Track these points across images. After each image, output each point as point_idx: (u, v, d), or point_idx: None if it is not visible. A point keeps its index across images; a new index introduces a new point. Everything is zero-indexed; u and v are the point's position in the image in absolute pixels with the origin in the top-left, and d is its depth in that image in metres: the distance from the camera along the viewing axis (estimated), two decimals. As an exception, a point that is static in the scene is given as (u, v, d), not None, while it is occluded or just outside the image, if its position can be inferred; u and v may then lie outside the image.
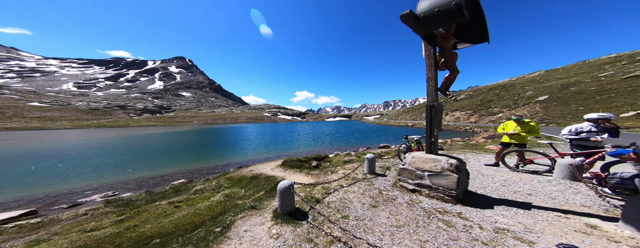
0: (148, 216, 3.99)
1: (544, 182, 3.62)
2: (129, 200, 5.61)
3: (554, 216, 2.42)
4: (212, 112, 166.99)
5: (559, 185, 3.44)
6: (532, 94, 35.91)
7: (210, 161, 12.71)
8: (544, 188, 3.36)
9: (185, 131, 45.99)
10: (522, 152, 4.18)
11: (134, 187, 7.66)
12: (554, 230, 2.11)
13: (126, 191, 7.11)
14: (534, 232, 2.08)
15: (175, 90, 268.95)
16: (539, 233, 2.06)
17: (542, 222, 2.29)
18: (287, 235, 2.21)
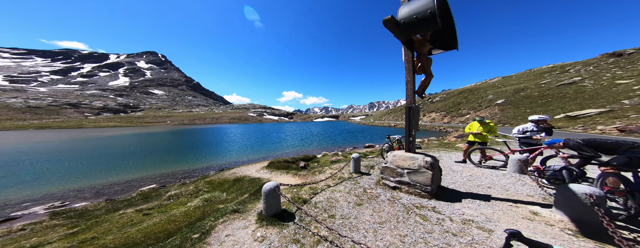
0: (110, 226, 3.55)
1: (500, 176, 4.15)
2: (84, 210, 4.90)
3: (507, 206, 2.79)
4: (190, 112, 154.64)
5: (511, 178, 3.98)
6: (493, 97, 40.69)
7: (187, 164, 11.77)
8: (500, 181, 3.85)
9: (156, 132, 41.73)
10: (484, 149, 4.73)
11: (90, 196, 6.72)
12: (507, 219, 2.44)
13: (80, 201, 6.20)
14: (492, 221, 2.39)
15: (144, 87, 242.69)
16: (496, 222, 2.36)
17: (499, 212, 2.62)
18: (273, 237, 2.18)
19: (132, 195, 6.11)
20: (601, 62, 38.24)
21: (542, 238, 2.03)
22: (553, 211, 2.49)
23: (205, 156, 14.41)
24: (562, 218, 2.28)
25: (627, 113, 16.93)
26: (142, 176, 9.04)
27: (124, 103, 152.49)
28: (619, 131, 12.63)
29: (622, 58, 35.55)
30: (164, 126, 79.74)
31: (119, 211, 4.44)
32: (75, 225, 4.04)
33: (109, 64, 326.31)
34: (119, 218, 3.92)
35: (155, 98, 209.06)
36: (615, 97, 21.90)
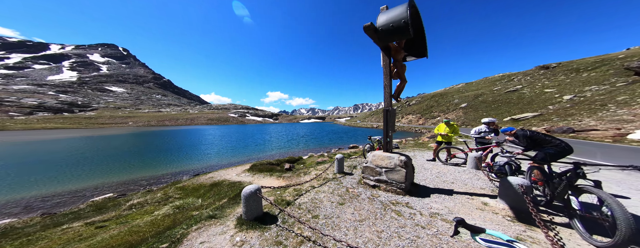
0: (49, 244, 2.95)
1: (461, 172, 4.72)
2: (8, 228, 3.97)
3: (465, 199, 3.21)
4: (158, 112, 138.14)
5: (470, 173, 4.56)
6: (458, 102, 45.95)
7: (155, 170, 10.51)
8: (461, 176, 4.40)
9: (115, 135, 36.25)
10: (449, 148, 5.34)
11: (18, 211, 5.51)
12: (465, 210, 2.81)
13: (3, 217, 5.04)
14: (453, 213, 2.72)
15: (99, 83, 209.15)
16: (456, 213, 2.71)
17: (459, 204, 3.00)
18: (254, 240, 2.11)
19: (79, 207, 5.18)
20: (535, 73, 46.40)
21: (489, 225, 2.39)
22: (498, 201, 2.95)
23: (177, 160, 13.06)
24: (504, 206, 2.73)
25: (551, 116, 20.91)
26: (94, 184, 7.75)
27: (69, 101, 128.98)
28: (546, 131, 15.49)
29: (548, 70, 43.72)
30: (125, 128, 69.63)
31: (61, 226, 3.71)
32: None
33: (49, 56, 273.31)
34: (62, 234, 3.28)
35: (113, 96, 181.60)
36: (543, 103, 26.80)
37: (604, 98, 20.89)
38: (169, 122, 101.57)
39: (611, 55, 38.12)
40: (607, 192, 1.91)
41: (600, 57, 39.31)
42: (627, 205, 2.97)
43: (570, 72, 36.91)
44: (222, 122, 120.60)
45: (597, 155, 6.99)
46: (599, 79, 28.20)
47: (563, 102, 25.01)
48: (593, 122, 15.77)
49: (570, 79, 33.20)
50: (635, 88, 20.39)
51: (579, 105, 21.90)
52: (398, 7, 3.30)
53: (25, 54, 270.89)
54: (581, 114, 19.24)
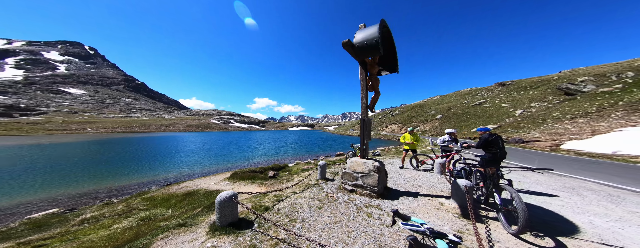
0: None
1: (429, 176, 5.22)
2: None
3: (427, 200, 3.59)
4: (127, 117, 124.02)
5: (435, 178, 5.07)
6: (435, 113, 50.26)
7: (116, 180, 9.33)
8: (428, 180, 4.86)
9: (67, 143, 31.40)
10: (417, 156, 5.87)
11: None
12: (425, 209, 3.16)
13: None
14: (415, 212, 3.04)
15: (52, 84, 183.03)
16: (417, 213, 3.03)
17: (421, 205, 3.35)
18: (226, 245, 2.09)
19: (10, 226, 4.34)
20: (495, 89, 53.55)
21: (440, 222, 2.73)
22: (451, 201, 3.36)
23: (145, 170, 11.77)
24: (455, 205, 3.13)
25: (507, 129, 24.10)
26: (34, 199, 6.58)
27: (7, 104, 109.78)
28: (532, 171, 17.73)
29: (505, 87, 50.90)
30: (81, 135, 60.75)
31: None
32: None
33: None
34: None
35: (70, 99, 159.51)
36: (501, 117, 30.83)
37: (544, 113, 24.86)
38: (139, 128, 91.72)
39: (549, 76, 46.02)
40: (514, 189, 2.38)
41: (541, 77, 47.18)
42: (553, 202, 3.62)
43: (521, 89, 43.44)
44: (203, 128, 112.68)
45: (535, 161, 8.23)
46: (540, 96, 33.65)
47: (516, 115, 29.05)
48: (537, 134, 18.53)
49: (521, 96, 38.98)
50: (564, 105, 24.73)
51: (527, 119, 25.62)
52: (372, 26, 3.79)
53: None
54: (529, 126, 22.49)
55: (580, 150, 11.15)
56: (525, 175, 5.62)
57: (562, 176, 5.68)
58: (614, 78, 29.77)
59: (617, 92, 22.77)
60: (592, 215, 3.09)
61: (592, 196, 3.98)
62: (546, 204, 3.51)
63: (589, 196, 3.97)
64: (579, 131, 15.90)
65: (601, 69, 37.16)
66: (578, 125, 17.89)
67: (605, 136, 13.06)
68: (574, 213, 3.12)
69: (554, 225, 2.73)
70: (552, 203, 3.58)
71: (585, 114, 20.12)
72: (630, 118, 15.83)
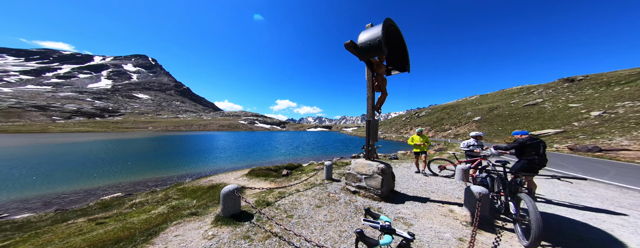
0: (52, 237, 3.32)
1: (448, 183, 4.67)
2: (25, 222, 4.44)
3: (436, 206, 3.22)
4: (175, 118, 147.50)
5: (455, 184, 4.51)
6: (471, 114, 44.00)
7: (162, 172, 11.23)
8: (445, 187, 4.36)
9: (135, 138, 39.20)
10: (436, 159, 5.28)
11: (37, 206, 6.14)
12: (429, 215, 2.85)
13: (24, 211, 5.63)
14: (417, 217, 2.78)
15: (128, 90, 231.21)
16: (420, 218, 2.77)
17: (426, 210, 3.03)
18: (224, 235, 2.33)
19: (89, 205, 5.70)
20: (558, 86, 43.73)
21: (443, 228, 2.47)
22: (463, 209, 2.96)
23: (184, 164, 13.84)
24: (467, 213, 2.73)
25: (576, 133, 19.24)
26: (107, 184, 8.47)
27: (101, 107, 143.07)
28: (569, 149, 14.26)
29: (573, 83, 41.05)
30: (145, 132, 74.96)
31: (67, 221, 4.14)
32: (7, 238, 3.72)
33: (92, 66, 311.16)
34: (66, 228, 3.68)
35: (139, 102, 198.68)
36: (567, 119, 24.85)
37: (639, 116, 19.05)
38: (184, 127, 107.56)
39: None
40: (531, 198, 2.06)
41: (636, 69, 36.39)
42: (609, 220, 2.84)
43: (600, 85, 34.36)
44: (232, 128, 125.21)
45: (610, 173, 6.42)
46: (635, 93, 25.85)
47: (590, 118, 23.07)
48: (626, 142, 14.32)
49: (599, 93, 30.79)
50: (673, 104, 18.43)
51: (609, 122, 20.07)
52: (376, 26, 3.68)
53: (74, 64, 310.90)
54: (612, 132, 17.56)
55: None
56: (583, 188, 4.47)
57: None
58: None
59: None
60: (629, 226, 2.33)
61: None
62: (597, 221, 2.77)
63: None
64: None
65: None
66: None
67: None
68: (632, 234, 2.40)
69: (590, 241, 2.21)
70: (607, 220, 2.81)
71: None
72: None
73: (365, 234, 0.95)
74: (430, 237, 2.30)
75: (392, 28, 4.05)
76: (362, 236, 0.93)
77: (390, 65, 4.73)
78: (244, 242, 2.21)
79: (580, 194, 4.08)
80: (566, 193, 4.10)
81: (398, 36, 4.32)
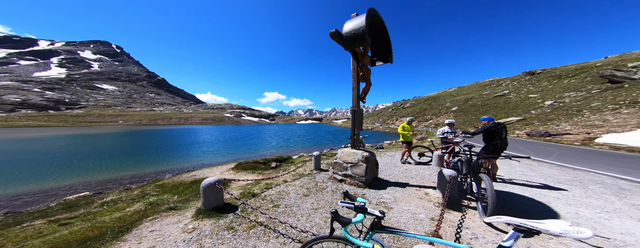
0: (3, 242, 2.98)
1: (426, 169, 5.06)
2: None
3: (414, 190, 3.50)
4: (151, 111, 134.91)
5: (432, 170, 4.91)
6: (450, 105, 47.23)
7: (138, 168, 10.42)
8: (423, 172, 4.74)
9: (103, 134, 35.28)
10: (416, 147, 5.64)
11: None
12: (407, 199, 3.10)
13: None
14: (397, 201, 3.01)
15: (89, 81, 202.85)
16: (399, 201, 2.99)
17: (406, 195, 3.28)
18: (206, 227, 2.28)
19: (49, 206, 5.10)
20: (521, 79, 48.38)
21: (418, 210, 2.71)
22: (436, 191, 3.28)
23: (163, 159, 12.96)
24: (439, 195, 3.05)
25: (533, 121, 21.92)
26: (71, 183, 7.64)
27: (55, 98, 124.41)
28: (526, 135, 16.25)
29: (534, 76, 45.70)
30: (115, 127, 67.65)
31: (21, 224, 3.68)
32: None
33: (37, 52, 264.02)
34: (20, 231, 3.27)
35: (104, 94, 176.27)
36: (527, 108, 28.03)
37: (580, 104, 22.10)
38: (162, 121, 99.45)
39: (590, 63, 40.31)
40: (489, 178, 2.35)
41: (580, 64, 41.49)
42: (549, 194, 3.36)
43: (553, 78, 38.73)
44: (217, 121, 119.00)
45: (553, 155, 7.48)
46: (578, 85, 29.75)
47: (544, 107, 26.24)
48: (568, 127, 16.66)
49: (553, 85, 34.84)
50: (607, 95, 21.68)
51: (558, 110, 23.04)
52: (360, 16, 3.60)
53: (10, 49, 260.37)
54: (559, 118, 20.26)
55: (618, 144, 9.87)
56: (533, 168, 5.20)
57: (576, 169, 5.19)
58: None
59: None
60: (585, 206, 2.87)
61: (598, 189, 3.64)
62: (540, 196, 3.29)
63: (594, 189, 3.66)
64: (622, 123, 14.02)
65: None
66: (622, 116, 15.73)
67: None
68: (564, 205, 2.92)
69: (533, 214, 2.63)
70: (547, 195, 3.34)
71: (634, 103, 17.57)
72: None
73: (340, 214, 1.01)
74: (407, 218, 2.52)
75: (376, 18, 4.01)
76: (336, 216, 0.99)
77: (374, 56, 4.75)
78: (227, 233, 2.19)
79: (530, 173, 4.72)
80: (520, 174, 4.71)
81: (382, 27, 4.30)
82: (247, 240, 2.03)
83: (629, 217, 2.58)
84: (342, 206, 1.14)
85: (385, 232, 1.04)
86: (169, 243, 2.00)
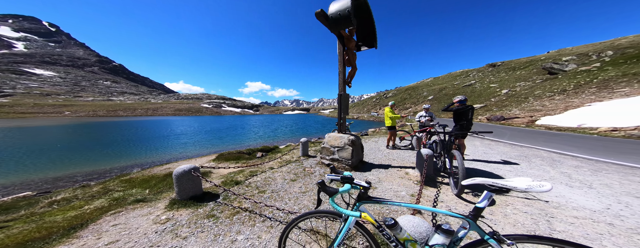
0: None
1: (407, 151, 5.46)
2: None
3: (396, 170, 3.75)
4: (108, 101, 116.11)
5: (411, 152, 5.31)
6: (426, 94, 50.62)
7: (98, 164, 9.13)
8: (403, 155, 5.10)
9: (45, 126, 29.49)
10: (397, 133, 5.95)
11: None
12: (390, 178, 3.31)
13: None
14: (381, 181, 3.19)
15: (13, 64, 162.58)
16: (383, 181, 3.18)
17: (389, 175, 3.50)
18: (182, 217, 2.09)
19: None
20: (485, 70, 53.76)
21: (399, 188, 2.91)
22: (415, 170, 3.57)
23: (130, 153, 11.51)
24: (417, 174, 3.33)
25: (492, 107, 25.03)
26: (2, 184, 6.40)
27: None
28: (487, 120, 18.53)
29: (495, 68, 51.12)
30: (60, 119, 56.97)
31: None
32: None
33: None
34: None
35: (37, 80, 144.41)
36: (488, 96, 31.64)
37: (527, 92, 25.68)
38: (124, 112, 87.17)
39: (537, 56, 46.29)
40: (461, 155, 2.56)
41: (530, 57, 47.43)
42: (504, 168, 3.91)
43: (509, 69, 43.83)
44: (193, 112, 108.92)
45: (506, 135, 8.75)
46: (526, 76, 34.29)
47: (501, 95, 29.86)
48: (518, 112, 19.39)
49: (508, 76, 39.53)
50: (546, 84, 25.51)
51: (511, 97, 26.48)
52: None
53: None
54: (511, 104, 23.38)
55: (551, 125, 11.90)
56: (492, 148, 6.00)
57: (523, 147, 6.14)
58: (594, 57, 30.42)
59: (594, 70, 23.52)
60: (530, 176, 3.44)
61: (538, 162, 4.36)
62: (497, 170, 3.83)
63: (535, 162, 4.36)
64: (555, 107, 16.77)
65: (585, 48, 37.56)
66: (555, 101, 18.79)
67: (575, 111, 13.93)
68: (515, 176, 3.43)
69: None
70: (502, 169, 3.92)
71: (563, 91, 20.98)
72: (600, 94, 16.75)
73: (326, 184, 0.99)
74: (390, 195, 2.68)
75: (362, 1, 3.83)
76: (323, 186, 0.97)
77: (359, 41, 4.64)
78: (208, 221, 2.04)
79: (489, 152, 5.42)
80: (482, 152, 5.37)
81: (367, 11, 4.15)
82: (230, 226, 1.93)
83: (560, 182, 3.13)
84: (329, 179, 1.12)
85: (372, 202, 1.04)
86: (137, 235, 1.78)
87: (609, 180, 3.17)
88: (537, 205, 2.37)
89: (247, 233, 1.82)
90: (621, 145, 6.21)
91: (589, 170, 3.73)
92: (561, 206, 2.36)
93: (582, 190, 2.83)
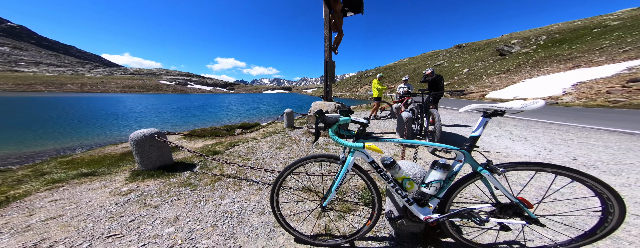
0: None
1: (388, 120, 5.81)
2: None
3: (378, 136, 3.93)
4: (13, 72, 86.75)
5: (391, 120, 5.69)
6: (402, 73, 52.72)
7: (18, 146, 7.19)
8: (385, 123, 5.41)
9: None
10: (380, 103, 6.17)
11: None
12: None
13: None
14: None
15: None
16: None
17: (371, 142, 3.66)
18: (150, 187, 1.79)
19: None
20: (453, 51, 57.59)
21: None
22: (396, 134, 3.82)
23: (69, 133, 9.19)
24: (398, 137, 3.53)
25: (455, 84, 28.01)
26: None
27: None
28: (449, 95, 20.82)
29: (460, 49, 55.18)
30: None
31: None
32: None
33: None
34: None
35: None
36: (453, 75, 34.87)
37: (482, 71, 29.10)
38: (45, 87, 67.67)
39: (493, 39, 51.08)
40: (438, 114, 2.79)
41: (487, 40, 52.11)
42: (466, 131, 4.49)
43: (472, 50, 47.86)
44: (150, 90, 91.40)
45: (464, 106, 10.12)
46: (483, 57, 38.25)
47: (462, 73, 33.16)
48: (473, 87, 22.13)
49: (470, 56, 43.39)
50: (497, 64, 29.16)
51: (470, 76, 29.73)
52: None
53: None
54: (469, 82, 26.42)
55: (495, 98, 14.28)
56: (455, 115, 6.85)
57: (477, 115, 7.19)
58: (533, 40, 35.30)
59: (531, 52, 27.59)
60: (484, 135, 4.07)
61: (490, 123, 5.23)
62: (461, 131, 4.44)
63: (488, 124, 5.26)
64: (500, 83, 19.67)
65: (528, 33, 42.78)
66: (500, 79, 21.93)
67: (513, 86, 16.82)
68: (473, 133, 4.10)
69: (459, 142, 3.55)
70: (464, 130, 4.58)
71: (507, 70, 24.45)
72: (531, 72, 20.25)
73: (324, 113, 0.90)
74: (375, 157, 2.79)
75: None
76: (321, 115, 0.88)
77: (345, 6, 4.09)
78: (184, 189, 1.78)
79: (453, 118, 6.15)
80: (448, 119, 6.03)
81: None
82: (212, 193, 1.73)
83: (506, 138, 3.77)
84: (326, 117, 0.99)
85: (371, 140, 0.99)
86: (90, 208, 1.45)
87: (537, 134, 4.01)
88: (493, 157, 2.81)
89: (232, 197, 1.66)
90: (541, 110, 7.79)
91: (523, 127, 4.62)
92: (509, 155, 2.86)
93: (521, 142, 3.47)
